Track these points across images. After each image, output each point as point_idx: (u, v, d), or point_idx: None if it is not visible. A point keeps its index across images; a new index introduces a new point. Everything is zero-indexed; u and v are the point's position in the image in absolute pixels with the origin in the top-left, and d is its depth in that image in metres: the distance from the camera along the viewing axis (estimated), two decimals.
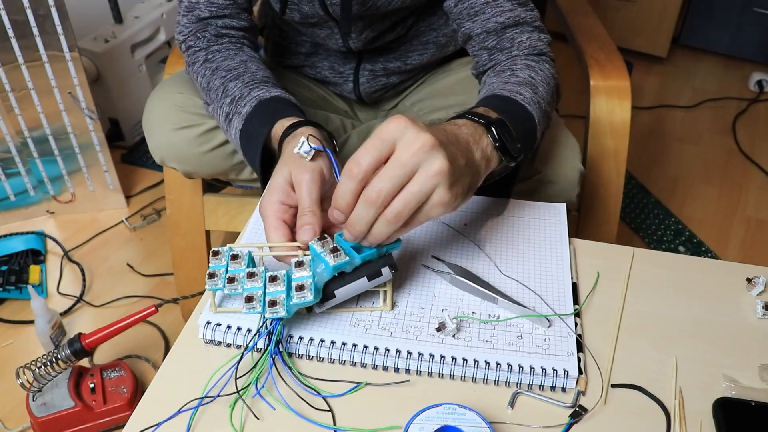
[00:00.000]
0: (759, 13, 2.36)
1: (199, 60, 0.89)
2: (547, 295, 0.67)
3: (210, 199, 1.19)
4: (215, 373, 0.59)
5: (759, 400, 0.59)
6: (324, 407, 0.58)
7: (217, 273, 0.63)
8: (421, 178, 0.55)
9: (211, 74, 0.87)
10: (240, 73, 0.85)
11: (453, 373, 0.61)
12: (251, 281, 0.61)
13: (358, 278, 0.61)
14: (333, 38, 0.98)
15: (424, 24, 1.01)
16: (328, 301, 0.62)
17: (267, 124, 0.76)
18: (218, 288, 0.62)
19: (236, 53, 0.89)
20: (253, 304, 0.60)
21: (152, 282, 1.55)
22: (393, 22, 0.97)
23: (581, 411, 0.58)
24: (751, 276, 0.71)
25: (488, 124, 0.65)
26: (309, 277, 0.60)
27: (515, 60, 0.83)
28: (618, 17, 2.43)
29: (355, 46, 0.98)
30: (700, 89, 2.38)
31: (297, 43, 1.06)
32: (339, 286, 0.61)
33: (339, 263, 0.59)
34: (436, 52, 1.05)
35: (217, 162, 0.97)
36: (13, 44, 1.44)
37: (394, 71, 1.05)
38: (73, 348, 1.05)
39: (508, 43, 0.85)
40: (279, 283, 0.60)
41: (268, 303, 0.59)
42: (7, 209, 1.68)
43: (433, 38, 1.03)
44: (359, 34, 0.96)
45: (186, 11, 0.91)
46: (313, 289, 0.59)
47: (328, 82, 1.09)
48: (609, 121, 1.07)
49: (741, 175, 1.98)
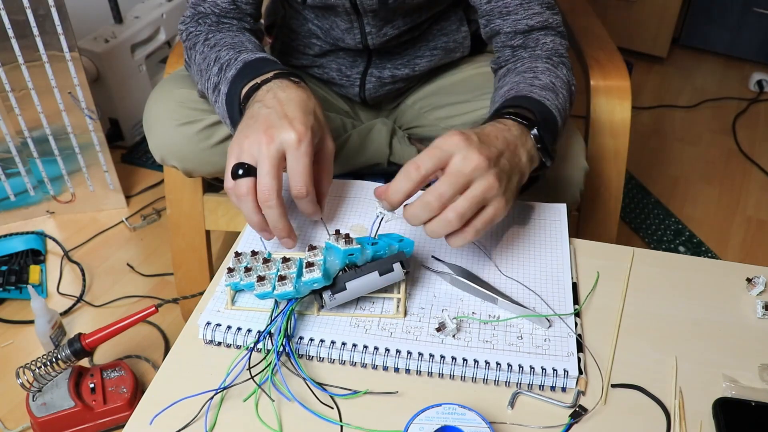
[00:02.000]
0: (759, 13, 2.36)
1: (199, 41, 0.89)
2: (547, 295, 0.67)
3: (210, 199, 1.19)
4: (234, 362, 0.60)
5: (759, 400, 0.59)
6: (329, 403, 0.58)
7: (236, 269, 0.65)
8: (480, 186, 0.61)
9: (209, 50, 0.85)
10: (235, 44, 0.84)
11: (453, 373, 0.61)
12: (266, 266, 0.63)
13: (370, 272, 0.62)
14: (352, 33, 0.98)
15: (436, 27, 1.01)
16: (340, 294, 0.62)
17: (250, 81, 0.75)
18: (236, 284, 0.63)
19: (236, 34, 0.89)
20: (264, 283, 0.61)
21: (152, 282, 1.55)
22: (414, 21, 0.97)
23: (581, 411, 0.58)
24: (751, 276, 0.71)
25: (530, 125, 0.69)
26: (320, 260, 0.61)
27: (536, 60, 0.84)
28: (618, 17, 2.43)
29: (373, 43, 0.98)
30: (700, 89, 2.38)
31: (306, 45, 1.06)
32: (350, 279, 0.62)
33: (350, 248, 0.61)
34: (443, 58, 1.05)
35: (217, 159, 0.97)
36: (13, 44, 1.44)
37: (402, 78, 1.05)
38: (73, 348, 1.05)
39: (532, 43, 0.87)
40: (291, 265, 0.62)
41: (278, 278, 0.60)
42: (7, 209, 1.68)
43: (443, 43, 1.03)
44: (379, 30, 0.96)
45: (191, 7, 0.93)
46: (323, 269, 0.60)
47: (334, 83, 1.09)
48: (609, 121, 1.07)
49: (741, 175, 1.98)
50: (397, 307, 0.65)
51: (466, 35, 1.03)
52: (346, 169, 1.03)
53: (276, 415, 0.57)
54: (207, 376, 0.60)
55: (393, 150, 1.04)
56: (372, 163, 1.03)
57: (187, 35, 0.92)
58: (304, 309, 0.65)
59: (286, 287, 0.60)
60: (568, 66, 0.87)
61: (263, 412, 0.57)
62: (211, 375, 0.60)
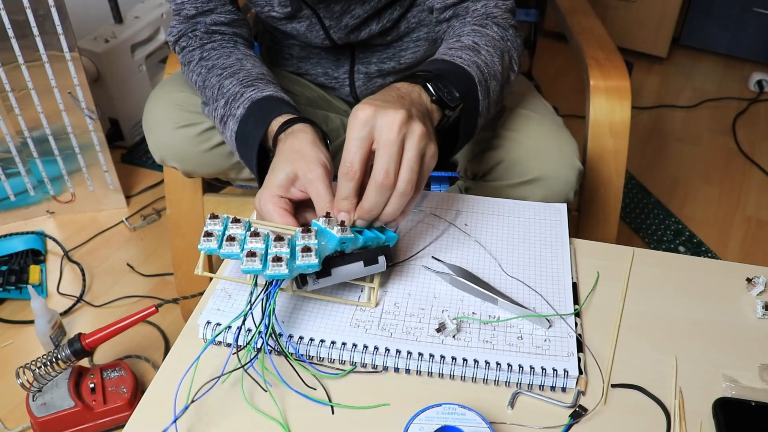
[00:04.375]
0: (759, 13, 2.36)
1: (194, 59, 0.90)
2: (548, 295, 0.67)
3: (210, 199, 1.19)
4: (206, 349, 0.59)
5: (759, 400, 0.59)
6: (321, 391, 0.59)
7: (214, 234, 0.60)
8: (413, 145, 0.61)
9: (207, 72, 0.87)
10: (236, 70, 0.85)
11: (453, 373, 0.61)
12: (254, 240, 0.59)
13: (356, 261, 0.62)
14: (314, 30, 0.97)
15: (414, 20, 1.01)
16: (323, 279, 0.62)
17: (262, 125, 0.76)
18: (212, 249, 0.59)
19: (231, 51, 0.90)
20: (254, 259, 0.57)
21: (152, 282, 1.55)
22: (373, 8, 0.95)
23: (581, 411, 0.58)
24: (751, 276, 0.71)
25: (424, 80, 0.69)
26: (315, 244, 0.59)
27: (464, 27, 0.85)
28: (618, 17, 2.44)
29: (338, 37, 0.97)
30: (700, 89, 2.38)
31: (288, 46, 1.06)
32: (336, 266, 0.62)
33: (344, 236, 0.60)
34: (429, 49, 1.05)
35: (216, 161, 0.97)
36: (13, 44, 1.44)
37: (390, 72, 1.05)
38: (73, 348, 1.05)
39: (462, 12, 0.87)
40: (283, 245, 0.58)
41: (273, 258, 0.57)
42: (7, 209, 1.68)
43: (424, 34, 1.03)
44: (338, 22, 0.95)
45: (175, 13, 0.93)
46: (318, 254, 0.58)
47: (325, 86, 1.09)
48: (609, 121, 1.07)
49: (741, 175, 1.98)
50: (369, 297, 0.66)
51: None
52: None
53: (275, 403, 0.57)
54: (207, 376, 0.60)
55: None
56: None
57: (180, 49, 0.93)
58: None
59: (281, 269, 0.57)
60: (504, 25, 0.85)
61: (259, 400, 0.57)
62: (211, 375, 0.60)
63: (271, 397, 0.58)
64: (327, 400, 0.58)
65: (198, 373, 0.60)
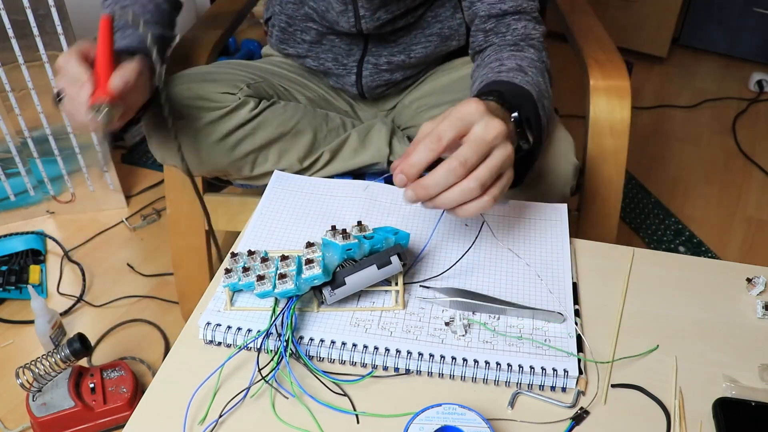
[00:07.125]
0: (759, 13, 2.36)
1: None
2: (548, 295, 0.67)
3: (210, 199, 1.18)
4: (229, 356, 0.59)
5: (759, 400, 0.59)
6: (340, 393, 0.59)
7: (233, 270, 0.64)
8: (500, 156, 0.61)
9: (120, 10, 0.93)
10: None
11: (453, 373, 0.61)
12: (264, 265, 0.63)
13: (368, 266, 0.62)
14: (346, 15, 0.98)
15: (431, 14, 1.02)
16: (339, 289, 0.62)
17: None
18: (234, 284, 0.63)
19: None
20: (264, 282, 0.61)
21: (152, 282, 1.55)
22: (407, 6, 0.98)
23: (583, 414, 0.58)
24: (751, 276, 0.71)
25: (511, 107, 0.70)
26: (319, 256, 0.62)
27: (502, 51, 0.87)
28: (618, 17, 2.44)
29: (366, 27, 0.99)
30: (700, 89, 2.38)
31: (303, 29, 1.07)
32: (349, 274, 0.62)
33: (348, 243, 0.61)
34: (439, 45, 1.05)
35: (217, 158, 0.97)
36: (13, 44, 1.44)
37: (398, 66, 1.05)
38: (72, 348, 1.05)
39: (503, 28, 0.90)
40: (289, 263, 0.62)
41: (278, 276, 0.60)
42: (7, 209, 1.68)
43: (438, 30, 1.03)
44: (373, 14, 0.97)
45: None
46: (322, 265, 0.60)
47: (331, 74, 1.09)
48: (609, 121, 1.07)
49: (741, 175, 1.98)
50: (396, 300, 0.65)
51: (461, 22, 1.04)
52: (345, 168, 1.03)
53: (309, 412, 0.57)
54: (207, 375, 0.60)
55: (393, 149, 1.04)
56: (371, 162, 1.03)
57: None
58: (304, 306, 0.65)
59: (287, 285, 0.60)
60: (539, 48, 0.89)
61: (279, 410, 0.57)
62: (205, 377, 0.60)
63: (300, 404, 0.58)
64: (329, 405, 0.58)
65: (192, 376, 0.60)
